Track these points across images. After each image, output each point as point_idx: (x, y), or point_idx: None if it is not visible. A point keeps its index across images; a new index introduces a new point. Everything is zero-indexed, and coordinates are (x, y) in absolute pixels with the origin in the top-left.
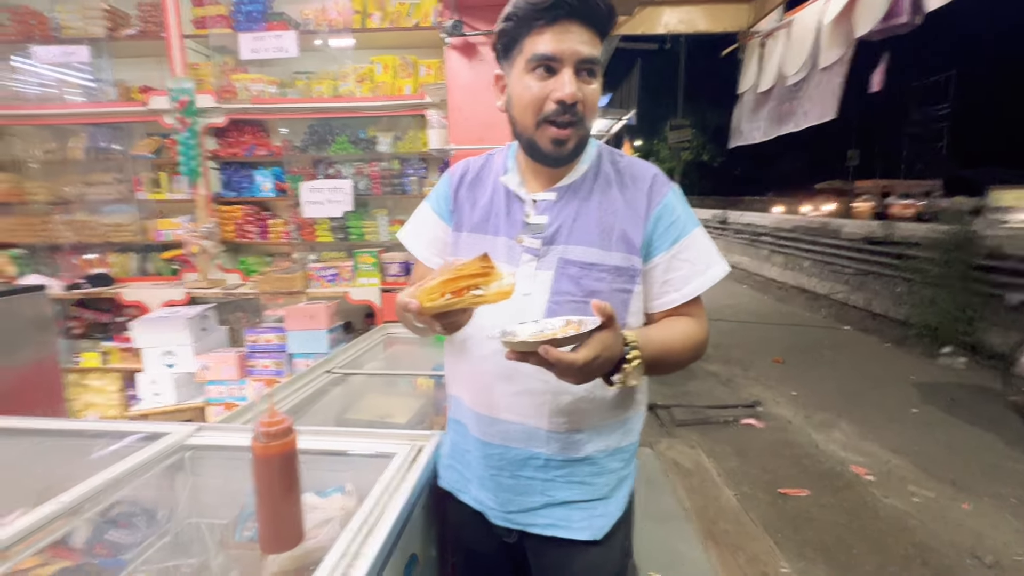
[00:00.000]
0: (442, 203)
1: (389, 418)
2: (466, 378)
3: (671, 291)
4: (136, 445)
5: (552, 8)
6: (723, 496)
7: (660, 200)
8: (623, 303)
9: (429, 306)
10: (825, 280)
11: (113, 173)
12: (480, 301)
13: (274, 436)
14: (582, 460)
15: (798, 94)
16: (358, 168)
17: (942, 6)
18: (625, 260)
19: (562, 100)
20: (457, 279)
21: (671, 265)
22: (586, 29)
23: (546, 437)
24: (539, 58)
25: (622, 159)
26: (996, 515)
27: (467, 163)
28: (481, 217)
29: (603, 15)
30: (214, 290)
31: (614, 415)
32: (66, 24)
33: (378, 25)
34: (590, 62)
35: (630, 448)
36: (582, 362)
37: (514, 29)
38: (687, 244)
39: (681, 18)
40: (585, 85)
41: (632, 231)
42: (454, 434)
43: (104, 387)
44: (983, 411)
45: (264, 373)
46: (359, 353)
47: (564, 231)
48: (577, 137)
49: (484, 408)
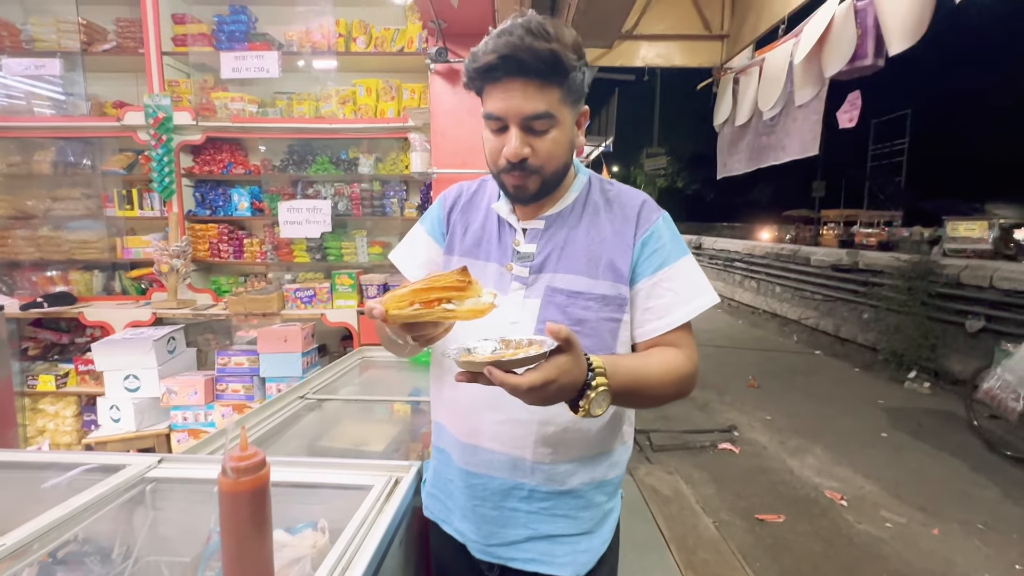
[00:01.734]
0: (435, 225)
1: (365, 446)
2: (450, 405)
3: (652, 319)
4: (92, 478)
5: (489, 71)
6: (701, 524)
7: (648, 227)
8: (611, 332)
9: (395, 314)
10: (796, 306)
11: (81, 188)
12: (450, 315)
13: (244, 471)
14: (567, 493)
15: (775, 129)
16: (338, 189)
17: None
18: (612, 288)
19: (508, 159)
20: (429, 289)
21: (653, 292)
22: (530, 83)
23: (531, 468)
24: (488, 116)
25: (612, 187)
26: (965, 541)
27: (461, 187)
28: (473, 242)
29: (545, 67)
30: (183, 311)
31: (600, 447)
32: (39, 37)
33: (362, 49)
34: (538, 117)
35: (615, 481)
36: (527, 386)
37: (473, 85)
38: (672, 272)
39: (658, 52)
40: (537, 138)
41: (619, 259)
42: (437, 463)
43: (59, 412)
44: (948, 436)
45: (233, 398)
46: (334, 377)
47: (552, 260)
48: (537, 182)
49: (467, 436)
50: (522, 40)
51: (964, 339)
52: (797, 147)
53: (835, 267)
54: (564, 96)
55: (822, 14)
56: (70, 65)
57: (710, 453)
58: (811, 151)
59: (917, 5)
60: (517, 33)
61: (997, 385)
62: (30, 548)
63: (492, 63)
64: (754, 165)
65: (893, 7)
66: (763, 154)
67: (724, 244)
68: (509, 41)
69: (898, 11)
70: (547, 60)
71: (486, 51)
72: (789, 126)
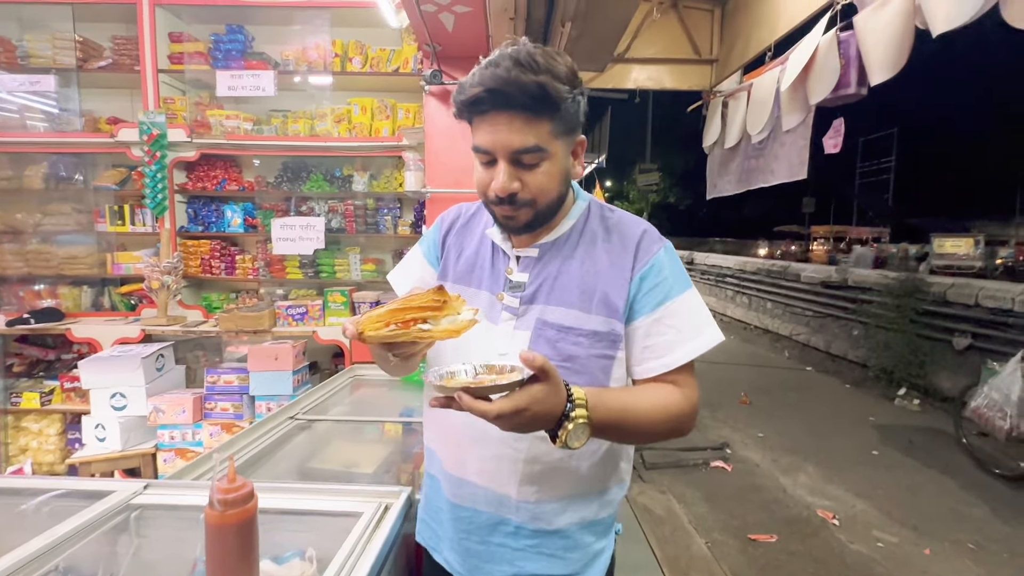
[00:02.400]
0: (431, 248)
1: (355, 467)
2: (439, 434)
3: (651, 358)
4: (76, 504)
5: (476, 104)
6: (694, 545)
7: (648, 260)
8: (603, 369)
9: (370, 335)
10: (787, 322)
11: (72, 203)
12: (426, 336)
13: (232, 504)
14: (553, 532)
15: (764, 152)
16: (332, 206)
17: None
18: (605, 324)
19: (496, 193)
20: (405, 309)
21: (653, 330)
22: (517, 116)
23: (515, 505)
24: (477, 150)
25: (612, 215)
26: (957, 560)
27: (460, 209)
28: (466, 268)
29: (533, 101)
30: (173, 327)
31: (592, 487)
32: (35, 53)
33: (358, 69)
34: (527, 151)
35: (607, 521)
36: (495, 413)
37: (461, 116)
38: (673, 308)
39: (649, 75)
40: (526, 172)
41: (614, 293)
42: (429, 488)
43: (43, 430)
44: (938, 454)
45: (222, 417)
46: (325, 397)
47: (544, 291)
48: (528, 215)
49: (455, 468)
50: (509, 72)
51: (952, 356)
52: (786, 171)
53: (825, 283)
54: (556, 128)
55: (807, 44)
56: (65, 81)
57: (703, 471)
58: (799, 175)
59: (897, 39)
60: (504, 65)
61: (985, 403)
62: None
63: (478, 96)
64: (743, 187)
65: (874, 40)
66: (752, 176)
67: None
68: (495, 73)
69: (879, 44)
70: (534, 94)
71: (472, 83)
72: (777, 150)
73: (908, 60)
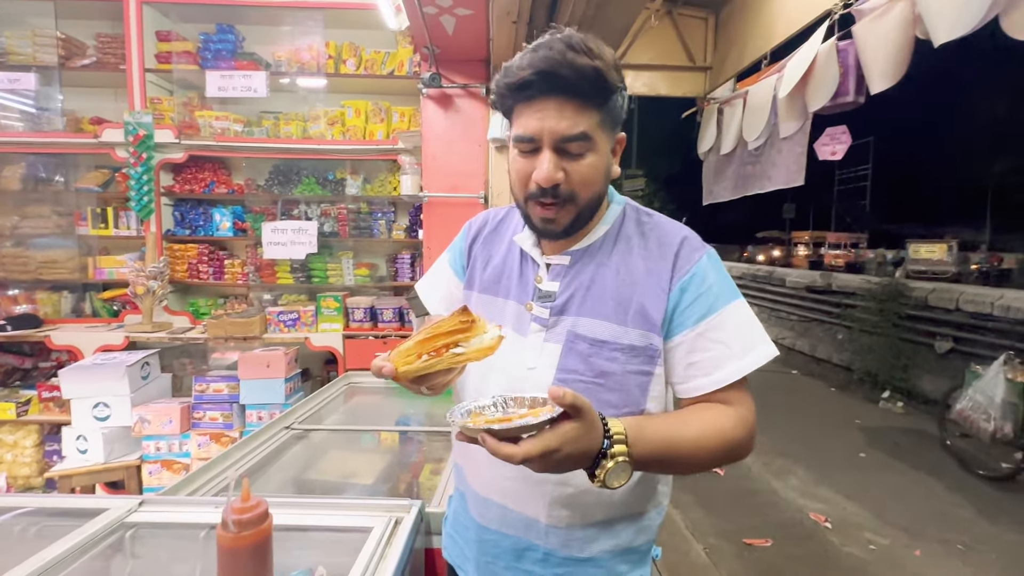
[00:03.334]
0: (457, 258)
1: (354, 478)
2: (467, 452)
3: (698, 375)
4: (67, 524)
5: (523, 88)
6: (692, 551)
7: (689, 268)
8: (640, 387)
9: (405, 370)
10: (772, 326)
11: (51, 205)
12: (461, 360)
13: (246, 524)
14: (585, 560)
15: (760, 159)
16: (324, 209)
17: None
18: (642, 338)
19: (539, 183)
20: (434, 338)
21: (697, 345)
22: (568, 102)
23: (545, 530)
24: (519, 139)
25: (650, 219)
26: (947, 562)
27: (487, 215)
28: (493, 277)
29: (585, 84)
30: (159, 334)
31: (627, 510)
32: (14, 50)
33: (352, 71)
34: (574, 139)
35: (643, 548)
36: (522, 457)
37: (501, 104)
38: (719, 321)
39: (644, 82)
40: (571, 162)
41: (652, 305)
42: (457, 504)
43: (18, 442)
44: (924, 455)
45: (211, 426)
46: (320, 406)
47: (576, 301)
48: (570, 214)
49: (481, 488)
50: (563, 55)
51: (934, 360)
52: (783, 177)
53: (809, 288)
54: (603, 120)
55: (805, 52)
56: (46, 80)
57: (695, 475)
58: (797, 181)
59: (896, 47)
60: (557, 48)
61: (969, 406)
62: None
63: (527, 79)
64: (740, 193)
65: (874, 50)
66: (748, 182)
67: None
68: (548, 56)
69: (879, 53)
70: (590, 78)
71: (521, 66)
72: (774, 157)
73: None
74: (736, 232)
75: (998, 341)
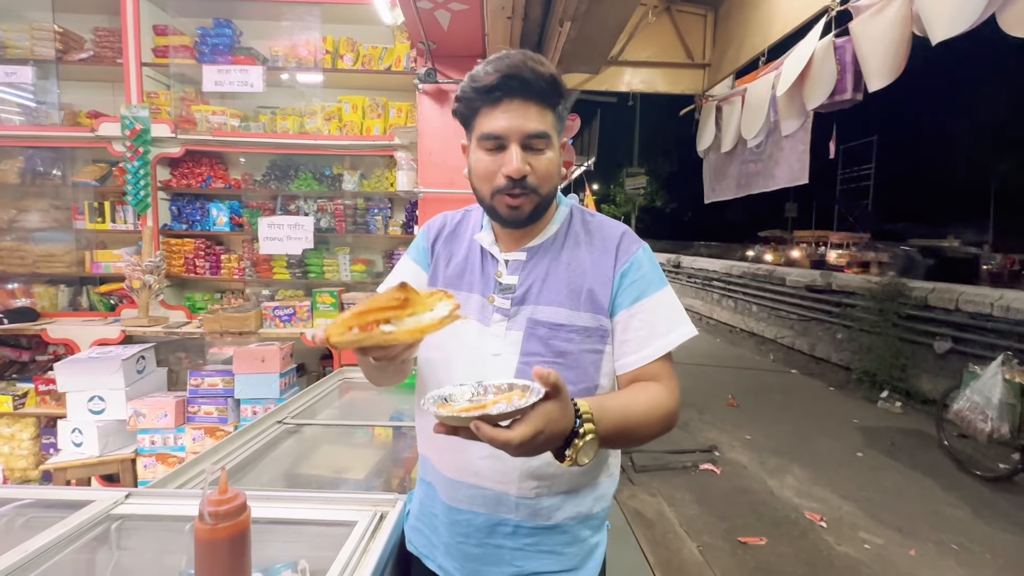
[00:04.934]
0: (421, 255)
1: (346, 473)
2: (435, 439)
3: (630, 352)
4: (53, 515)
5: (493, 91)
6: (685, 548)
7: (628, 258)
8: (594, 364)
9: (336, 340)
10: (772, 325)
11: (49, 199)
12: (390, 339)
13: (224, 516)
14: (552, 528)
15: (763, 157)
16: (321, 205)
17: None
18: (593, 320)
19: (509, 176)
20: (367, 312)
21: (630, 324)
22: (531, 103)
23: (515, 503)
24: (487, 136)
25: (593, 218)
26: (941, 562)
27: (445, 217)
28: (456, 273)
29: (546, 90)
30: (155, 328)
31: (586, 480)
32: (11, 43)
33: (349, 67)
34: (537, 136)
35: (601, 515)
36: (518, 441)
37: (466, 108)
38: (649, 305)
39: (642, 79)
40: (535, 157)
41: (599, 290)
42: (423, 495)
43: (15, 434)
44: (921, 456)
45: (206, 420)
46: (313, 401)
47: (534, 292)
48: (533, 203)
49: (451, 471)
50: (524, 63)
51: (933, 360)
52: (787, 175)
53: (809, 287)
54: (556, 120)
55: (802, 50)
56: (43, 73)
57: (692, 474)
58: (801, 179)
59: (894, 46)
60: (518, 57)
61: (967, 406)
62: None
63: (494, 82)
64: (743, 191)
65: (871, 47)
66: (752, 181)
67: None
68: (511, 63)
69: (876, 51)
70: (548, 81)
71: (487, 71)
72: (777, 155)
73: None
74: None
75: (998, 342)
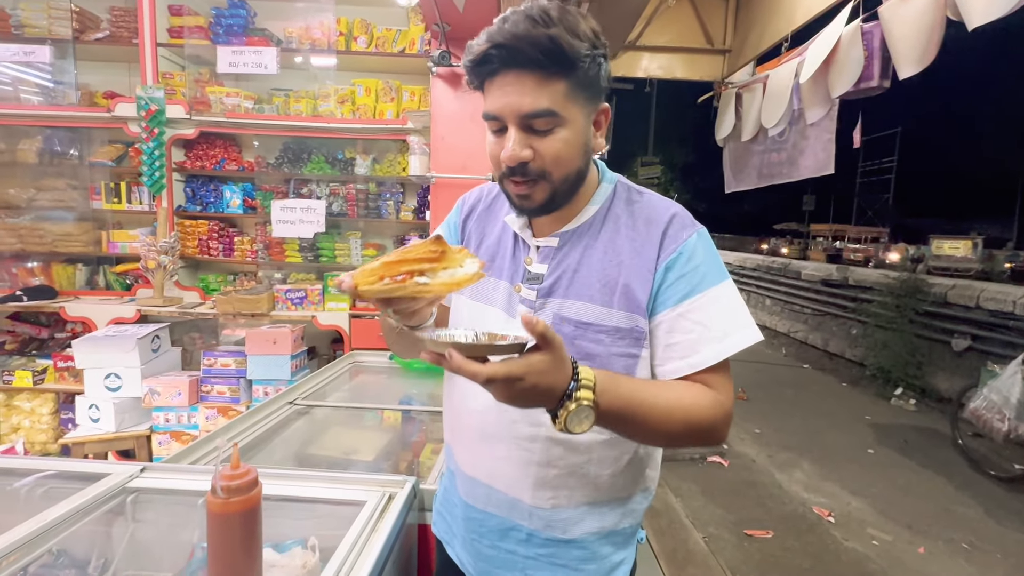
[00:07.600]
0: (452, 231)
1: (354, 454)
2: (455, 431)
3: (675, 358)
4: (70, 487)
5: (484, 63)
6: (691, 539)
7: (675, 247)
8: (626, 368)
9: (364, 289)
10: (785, 319)
11: (67, 179)
12: (424, 290)
13: (236, 491)
14: (568, 542)
15: (786, 146)
16: (333, 189)
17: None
18: (628, 320)
19: (505, 163)
20: (400, 262)
21: (677, 326)
22: (527, 76)
23: (528, 511)
24: (487, 116)
25: (640, 197)
26: (950, 560)
27: (481, 191)
28: (487, 256)
29: (544, 57)
30: (169, 308)
31: (613, 494)
32: (29, 23)
33: (363, 49)
34: (538, 115)
35: (628, 531)
36: (487, 375)
37: (473, 82)
38: (701, 302)
39: (660, 64)
40: (539, 139)
41: (637, 285)
42: (447, 482)
43: (35, 409)
44: (934, 454)
45: (218, 400)
46: (324, 383)
47: (563, 284)
48: (544, 191)
49: (468, 467)
50: (517, 26)
51: (950, 358)
52: (812, 165)
53: (825, 282)
54: (572, 91)
55: (828, 35)
56: (60, 53)
57: (699, 465)
58: (827, 170)
59: (926, 30)
60: (513, 19)
61: (984, 405)
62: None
63: (484, 53)
64: (765, 181)
65: (902, 32)
66: (774, 171)
67: None
68: (503, 28)
69: (907, 36)
70: (545, 48)
71: (479, 41)
72: (801, 144)
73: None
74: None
75: (1019, 340)
